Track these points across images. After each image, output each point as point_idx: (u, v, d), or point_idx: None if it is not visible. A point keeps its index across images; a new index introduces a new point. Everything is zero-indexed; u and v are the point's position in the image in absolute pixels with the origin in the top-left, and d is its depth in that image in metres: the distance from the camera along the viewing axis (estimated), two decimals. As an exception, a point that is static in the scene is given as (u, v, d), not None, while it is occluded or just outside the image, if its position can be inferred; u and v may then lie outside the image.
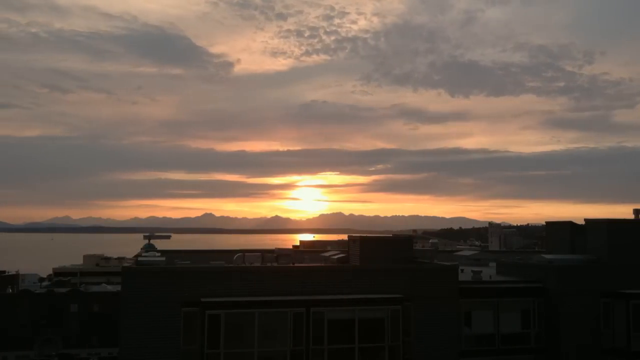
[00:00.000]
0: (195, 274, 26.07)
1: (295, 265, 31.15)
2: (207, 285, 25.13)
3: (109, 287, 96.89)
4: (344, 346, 25.29)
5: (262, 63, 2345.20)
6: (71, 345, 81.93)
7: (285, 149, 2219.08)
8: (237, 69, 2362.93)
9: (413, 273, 27.90)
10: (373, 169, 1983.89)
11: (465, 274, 33.11)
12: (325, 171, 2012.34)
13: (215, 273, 26.48)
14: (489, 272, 35.75)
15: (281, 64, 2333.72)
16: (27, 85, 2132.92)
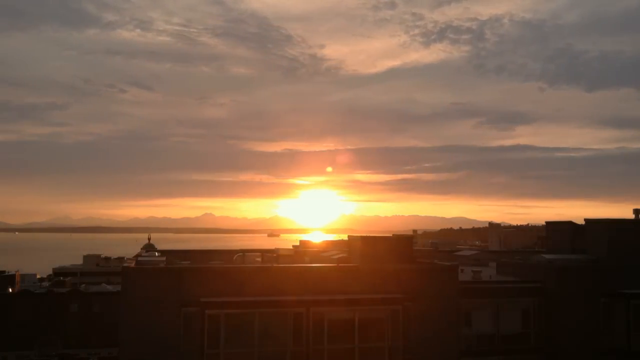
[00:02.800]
0: (195, 273, 26.05)
1: (295, 265, 31.14)
2: (207, 285, 25.12)
3: (109, 287, 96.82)
4: (344, 346, 25.29)
5: (352, 60, 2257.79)
6: (71, 345, 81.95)
7: (332, 148, 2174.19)
8: (325, 65, 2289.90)
9: (413, 273, 27.89)
10: (408, 167, 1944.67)
11: (466, 274, 33.13)
12: (358, 171, 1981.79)
13: (215, 273, 26.46)
14: (489, 272, 35.79)
15: (370, 59, 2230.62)
16: (93, 84, 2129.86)
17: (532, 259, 37.27)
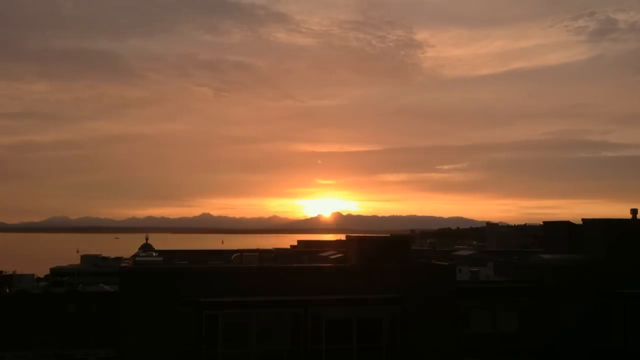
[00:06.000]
0: (192, 274, 26.06)
1: (293, 265, 31.14)
2: (204, 286, 25.12)
3: (107, 287, 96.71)
4: (342, 346, 25.32)
5: (464, 61, 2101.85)
6: (68, 345, 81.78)
7: (380, 148, 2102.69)
8: (429, 65, 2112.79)
9: (411, 273, 27.92)
10: (446, 167, 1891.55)
11: (463, 274, 33.18)
12: (382, 172, 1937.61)
13: (213, 273, 26.47)
14: (486, 272, 35.83)
15: (487, 60, 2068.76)
16: (181, 82, 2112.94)
17: (529, 259, 37.33)
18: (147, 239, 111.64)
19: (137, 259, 31.81)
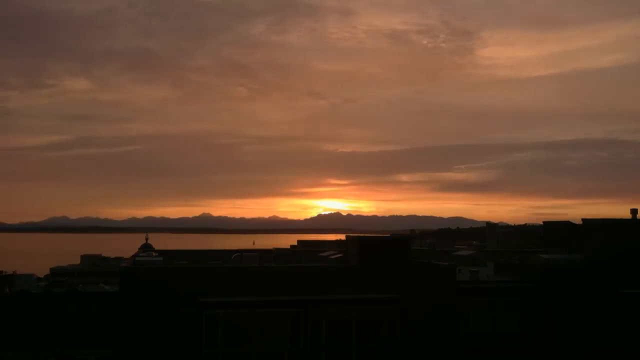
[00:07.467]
0: (193, 274, 26.07)
1: (293, 265, 31.16)
2: (205, 286, 25.12)
3: (107, 287, 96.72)
4: (342, 346, 25.33)
5: (520, 61, 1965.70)
6: (68, 345, 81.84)
7: (403, 148, 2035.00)
8: (481, 64, 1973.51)
9: (411, 273, 27.93)
10: (463, 167, 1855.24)
11: (463, 274, 33.18)
12: (406, 171, 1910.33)
13: (213, 273, 26.48)
14: (486, 272, 35.83)
15: (543, 61, 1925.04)
16: (217, 83, 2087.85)
17: (529, 258, 37.32)
18: (147, 239, 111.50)
19: (137, 259, 31.83)
